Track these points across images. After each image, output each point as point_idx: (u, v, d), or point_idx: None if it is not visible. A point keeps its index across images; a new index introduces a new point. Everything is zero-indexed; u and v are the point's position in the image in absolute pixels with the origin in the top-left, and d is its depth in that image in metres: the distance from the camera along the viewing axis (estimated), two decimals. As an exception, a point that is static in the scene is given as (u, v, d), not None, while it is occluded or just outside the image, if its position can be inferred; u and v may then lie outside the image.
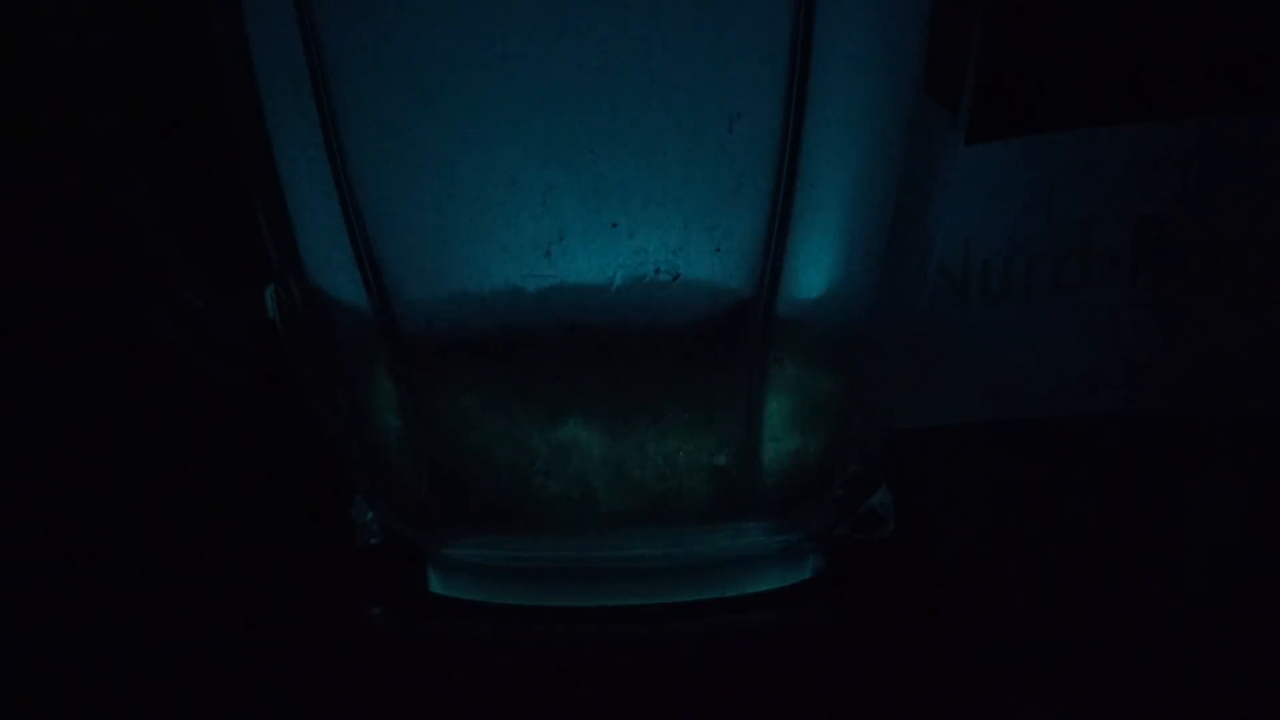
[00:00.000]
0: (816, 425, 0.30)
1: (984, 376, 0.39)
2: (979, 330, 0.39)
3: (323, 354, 0.30)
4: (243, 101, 0.29)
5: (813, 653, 0.27)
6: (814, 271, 0.28)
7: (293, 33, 0.27)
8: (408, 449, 0.29)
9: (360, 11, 0.27)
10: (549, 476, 0.29)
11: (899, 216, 0.29)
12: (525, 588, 0.29)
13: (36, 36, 0.38)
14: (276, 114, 0.29)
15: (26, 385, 0.41)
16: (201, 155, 0.33)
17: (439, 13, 0.26)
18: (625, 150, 0.27)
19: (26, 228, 0.41)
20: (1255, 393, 0.37)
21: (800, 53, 0.27)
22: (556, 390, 0.28)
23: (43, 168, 0.40)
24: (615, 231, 0.27)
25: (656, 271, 0.27)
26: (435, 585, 0.31)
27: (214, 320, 0.33)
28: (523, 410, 0.28)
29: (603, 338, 0.28)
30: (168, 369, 0.41)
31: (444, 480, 0.29)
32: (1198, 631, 0.28)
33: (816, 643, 0.28)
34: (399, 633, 0.29)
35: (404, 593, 0.30)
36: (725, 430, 0.28)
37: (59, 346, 0.41)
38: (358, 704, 0.26)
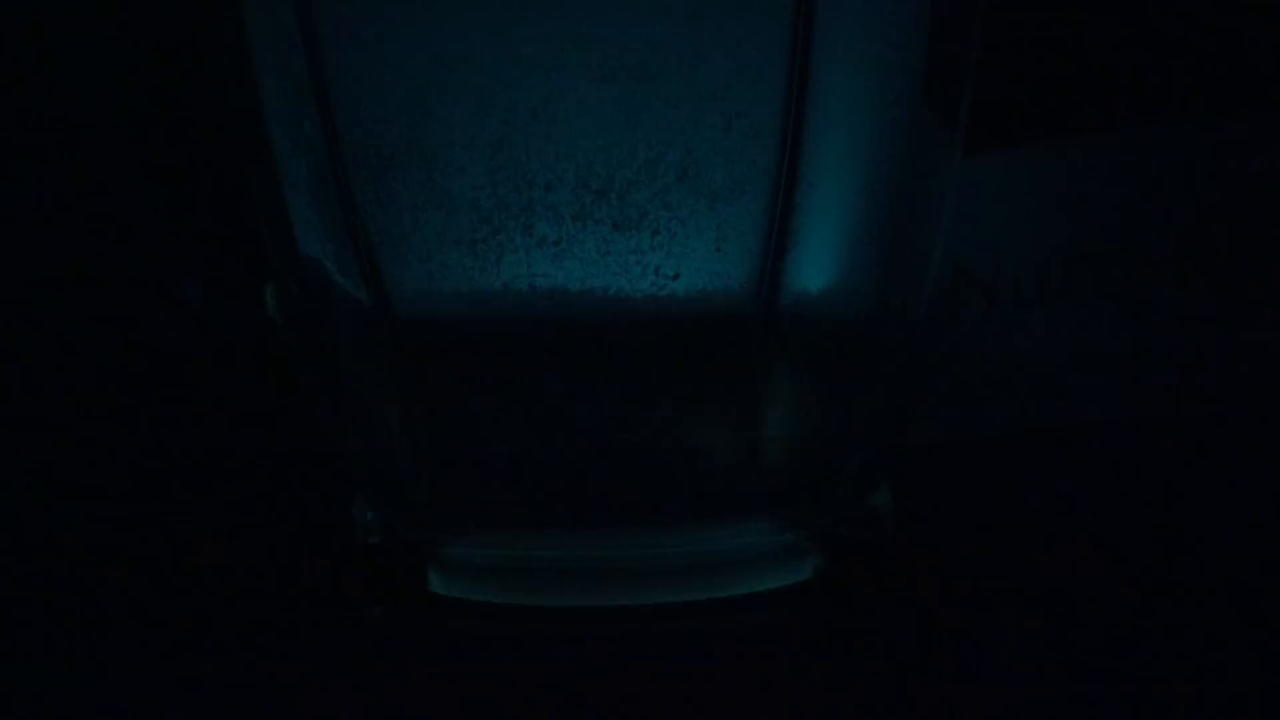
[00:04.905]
0: (816, 425, 0.30)
1: (1018, 382, 0.39)
2: (1012, 336, 0.39)
3: (323, 353, 0.30)
4: (243, 101, 0.29)
5: (813, 653, 0.27)
6: (814, 271, 0.28)
7: (293, 32, 0.27)
8: (408, 448, 0.29)
9: (360, 11, 0.27)
10: (549, 475, 0.29)
11: (901, 217, 0.29)
12: (525, 588, 0.29)
13: (37, 37, 0.38)
14: (276, 114, 0.29)
15: (25, 384, 0.41)
16: (201, 155, 0.33)
17: (439, 13, 0.26)
18: (625, 150, 0.27)
19: (26, 228, 0.41)
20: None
21: (800, 53, 0.27)
22: (556, 390, 0.28)
23: (43, 168, 0.40)
24: (615, 231, 0.27)
25: (656, 271, 0.27)
26: (435, 585, 0.31)
27: (214, 320, 0.33)
28: (522, 409, 0.28)
29: (603, 337, 0.28)
30: (168, 369, 0.41)
31: (444, 479, 0.29)
32: (1201, 634, 0.27)
33: (816, 643, 0.28)
34: (399, 633, 0.29)
35: (404, 593, 0.30)
36: (725, 430, 0.28)
37: (58, 346, 0.41)
38: (358, 704, 0.26)
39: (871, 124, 0.28)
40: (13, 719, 0.26)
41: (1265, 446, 0.38)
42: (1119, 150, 0.39)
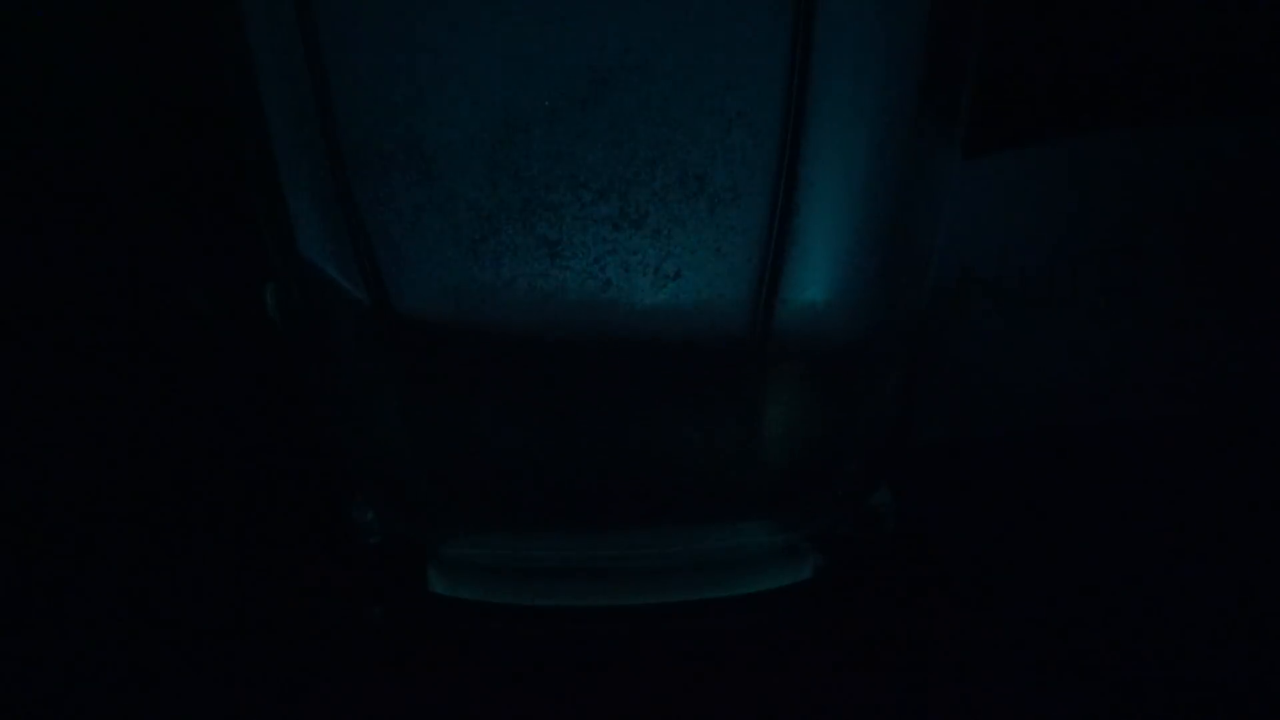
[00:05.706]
0: (816, 425, 0.30)
1: (1020, 382, 0.39)
2: (1014, 336, 0.39)
3: (323, 353, 0.30)
4: (243, 101, 0.29)
5: (813, 653, 0.27)
6: (814, 272, 0.28)
7: (293, 32, 0.27)
8: (408, 447, 0.29)
9: (360, 11, 0.27)
10: (548, 476, 0.29)
11: (901, 217, 0.29)
12: (525, 588, 0.29)
13: (37, 37, 0.38)
14: (276, 114, 0.29)
15: (25, 385, 0.41)
16: (201, 155, 0.33)
17: (439, 13, 0.26)
18: (626, 151, 0.27)
19: (27, 228, 0.41)
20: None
21: (800, 53, 0.27)
22: (556, 389, 0.28)
23: (43, 167, 0.40)
24: (616, 232, 0.27)
25: (656, 271, 0.27)
26: (435, 585, 0.31)
27: (214, 320, 0.33)
28: (523, 409, 0.28)
29: (603, 337, 0.28)
30: (167, 369, 0.41)
31: (444, 479, 0.29)
32: (1202, 634, 0.28)
33: (816, 643, 0.28)
34: (399, 633, 0.29)
35: (404, 593, 0.30)
36: (725, 430, 0.28)
37: (58, 346, 0.41)
38: (358, 704, 0.26)
39: (871, 124, 0.28)
40: (13, 719, 0.26)
41: (1265, 446, 0.38)
42: (1119, 150, 0.39)
